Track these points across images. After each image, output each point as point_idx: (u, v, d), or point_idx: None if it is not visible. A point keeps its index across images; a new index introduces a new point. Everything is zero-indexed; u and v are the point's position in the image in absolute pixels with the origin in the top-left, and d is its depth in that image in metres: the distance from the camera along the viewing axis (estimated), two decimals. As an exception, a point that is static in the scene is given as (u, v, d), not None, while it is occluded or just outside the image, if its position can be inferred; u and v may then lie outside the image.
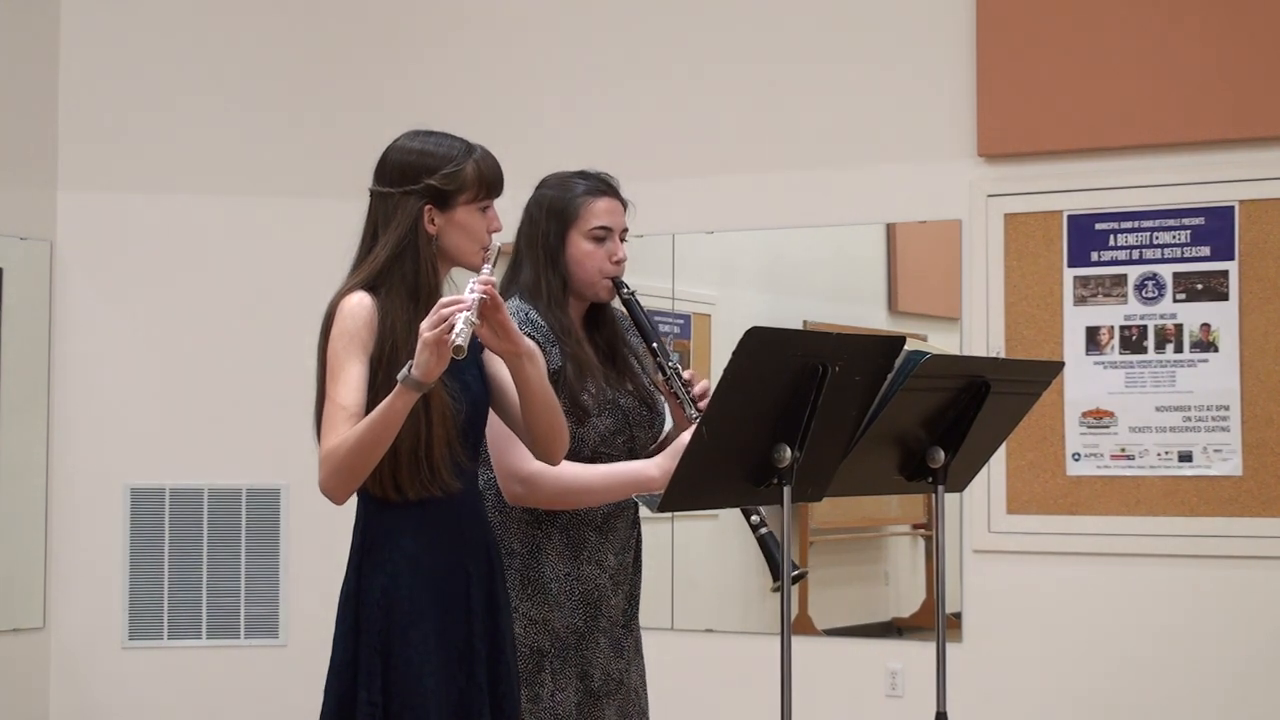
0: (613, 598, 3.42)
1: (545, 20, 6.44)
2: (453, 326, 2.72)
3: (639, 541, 3.52)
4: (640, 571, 3.53)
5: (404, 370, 2.76)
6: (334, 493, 2.88)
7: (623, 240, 3.44)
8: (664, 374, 3.37)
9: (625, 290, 3.41)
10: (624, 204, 3.46)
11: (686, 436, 2.98)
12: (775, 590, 3.21)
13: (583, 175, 3.45)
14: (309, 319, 3.12)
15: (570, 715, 3.33)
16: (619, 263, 3.41)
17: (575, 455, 3.31)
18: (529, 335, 3.29)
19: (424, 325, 2.75)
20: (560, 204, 3.41)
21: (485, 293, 2.82)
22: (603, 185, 3.44)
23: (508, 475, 3.25)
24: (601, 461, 3.35)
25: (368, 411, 2.84)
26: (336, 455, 2.83)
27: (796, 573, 3.30)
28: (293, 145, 6.56)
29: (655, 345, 3.39)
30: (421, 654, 2.93)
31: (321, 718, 2.99)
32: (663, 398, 3.49)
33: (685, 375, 3.36)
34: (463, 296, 2.79)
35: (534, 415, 3.03)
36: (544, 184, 3.48)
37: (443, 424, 2.92)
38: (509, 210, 3.45)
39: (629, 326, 3.51)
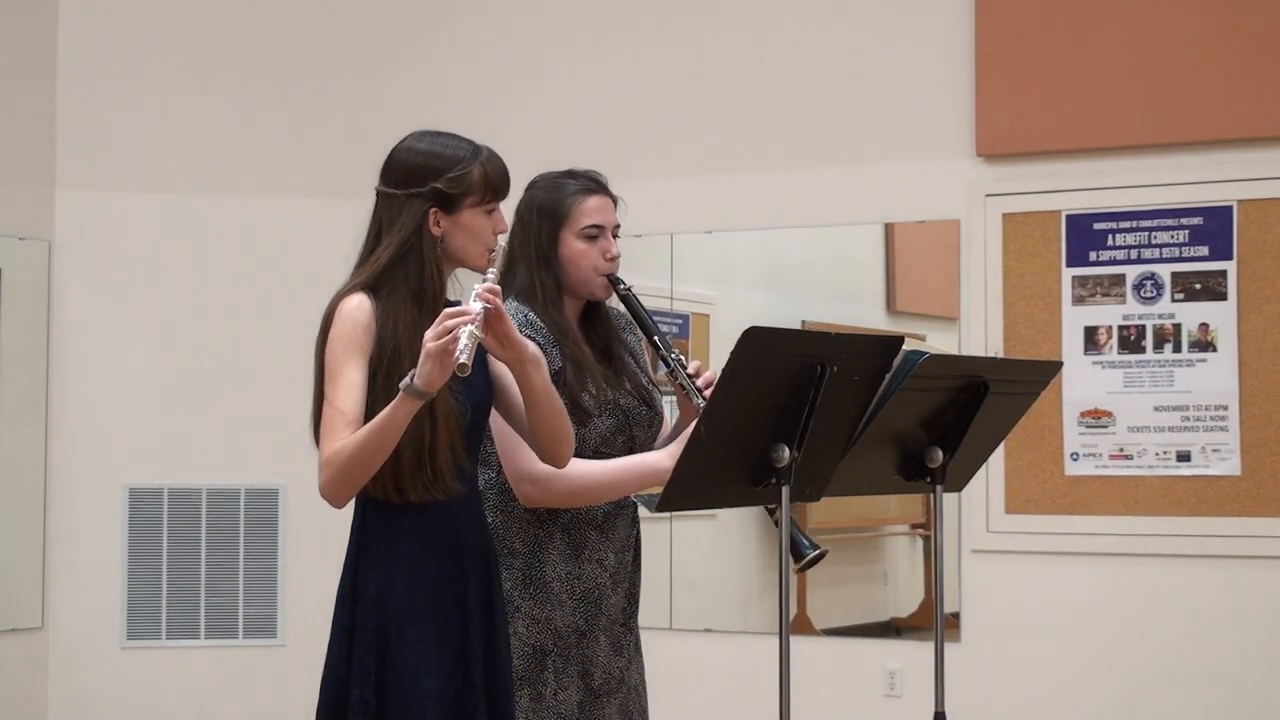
0: (613, 596, 3.42)
1: (545, 20, 6.44)
2: (457, 339, 2.72)
3: (638, 540, 3.53)
4: (640, 570, 3.53)
5: (406, 379, 2.76)
6: (334, 498, 2.88)
7: (615, 236, 3.44)
8: (668, 365, 3.37)
9: (622, 286, 3.42)
10: (614, 200, 3.46)
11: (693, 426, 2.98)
12: (800, 570, 3.22)
13: (571, 175, 3.45)
14: (308, 319, 3.12)
15: (573, 714, 3.34)
16: (613, 259, 3.41)
17: (576, 456, 3.31)
18: (529, 337, 3.30)
19: (428, 335, 2.74)
20: (551, 205, 3.41)
21: (489, 303, 2.81)
22: (592, 184, 3.44)
23: (519, 476, 3.25)
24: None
25: (367, 415, 2.84)
26: (337, 461, 2.83)
27: (817, 553, 3.32)
28: (293, 145, 6.56)
29: (656, 339, 3.40)
30: (418, 654, 2.93)
31: (316, 716, 2.99)
32: (660, 396, 3.49)
33: (690, 367, 3.37)
34: (467, 308, 2.78)
35: (540, 420, 3.02)
36: (533, 185, 3.47)
37: (447, 427, 2.92)
38: (507, 210, 3.46)
39: (627, 323, 3.51)
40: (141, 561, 6.37)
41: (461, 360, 2.70)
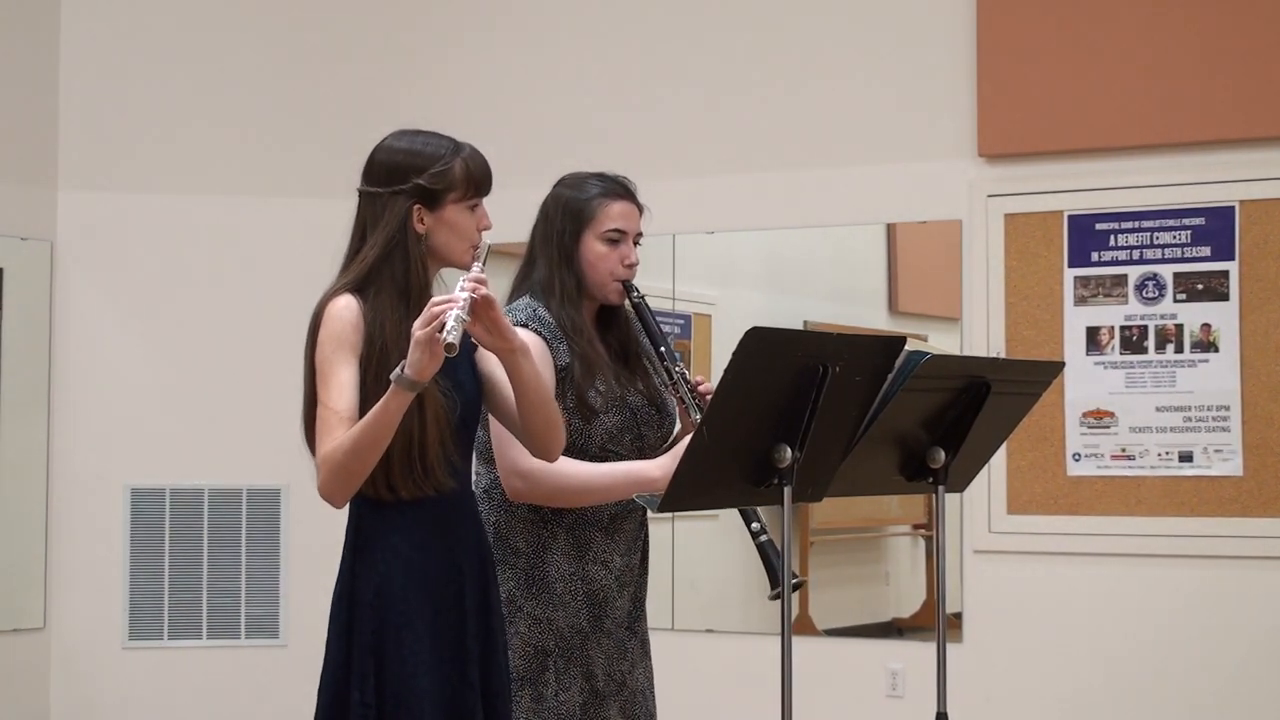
0: (618, 599, 3.42)
1: (546, 21, 6.44)
2: (444, 324, 2.72)
3: (646, 542, 3.53)
4: (647, 574, 3.53)
5: (397, 370, 2.76)
6: (333, 496, 2.88)
7: (636, 244, 3.45)
8: (670, 378, 3.39)
9: (635, 294, 3.43)
10: (640, 208, 3.48)
11: (689, 439, 2.98)
12: (773, 598, 3.22)
13: (600, 177, 3.47)
14: (309, 319, 3.12)
15: (575, 715, 3.34)
16: (631, 266, 3.43)
17: (582, 453, 3.32)
18: (536, 331, 3.31)
19: (416, 324, 2.75)
20: (576, 205, 3.42)
21: (475, 290, 2.81)
22: (619, 188, 3.46)
23: (509, 470, 3.26)
24: (609, 459, 3.36)
25: (361, 413, 2.84)
26: (334, 459, 2.83)
27: (794, 581, 3.30)
28: (293, 145, 6.56)
29: (663, 349, 3.41)
30: (415, 654, 2.92)
31: (315, 718, 2.99)
32: (673, 400, 3.50)
33: (692, 380, 3.38)
34: (454, 295, 2.79)
35: (530, 411, 3.02)
36: (561, 183, 3.49)
37: (436, 423, 2.92)
38: (507, 210, 3.46)
39: (637, 330, 3.52)
40: (143, 562, 6.37)
41: (449, 340, 2.70)
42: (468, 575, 3.02)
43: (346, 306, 2.94)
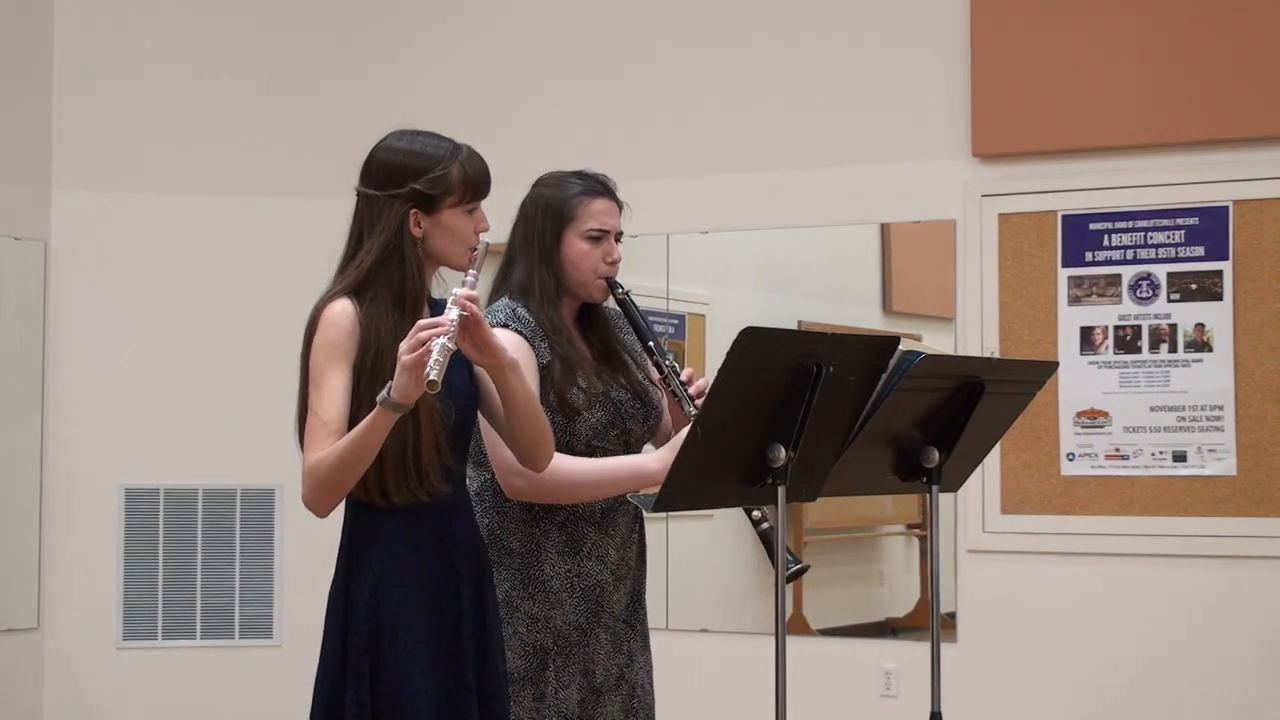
0: (615, 593, 3.42)
1: (540, 19, 6.44)
2: (430, 352, 2.72)
3: (642, 536, 3.52)
4: (644, 567, 3.53)
5: (383, 392, 2.76)
6: (316, 507, 2.89)
7: (618, 241, 3.45)
8: (661, 371, 3.38)
9: (620, 290, 3.42)
10: (620, 206, 3.47)
11: (685, 432, 2.99)
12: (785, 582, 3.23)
13: (580, 175, 3.46)
14: (304, 319, 3.12)
15: (574, 712, 3.34)
16: (614, 263, 3.42)
17: (568, 450, 3.31)
18: (517, 331, 3.30)
19: (402, 348, 2.74)
20: (557, 203, 3.41)
21: (465, 310, 2.81)
22: (600, 186, 3.44)
23: (508, 470, 3.25)
24: (596, 456, 3.36)
25: (351, 423, 2.84)
26: (318, 472, 2.83)
27: (799, 567, 3.31)
28: (290, 145, 6.56)
29: (651, 344, 3.40)
30: (410, 654, 2.92)
31: (310, 718, 2.99)
32: (658, 393, 3.50)
33: (683, 374, 3.37)
34: (441, 319, 2.78)
35: (519, 424, 3.03)
36: (540, 182, 3.48)
37: (431, 429, 2.92)
38: (506, 210, 3.45)
39: (624, 327, 3.51)
40: (138, 562, 6.37)
41: (431, 377, 2.70)
42: (464, 575, 3.01)
43: (342, 312, 2.93)
